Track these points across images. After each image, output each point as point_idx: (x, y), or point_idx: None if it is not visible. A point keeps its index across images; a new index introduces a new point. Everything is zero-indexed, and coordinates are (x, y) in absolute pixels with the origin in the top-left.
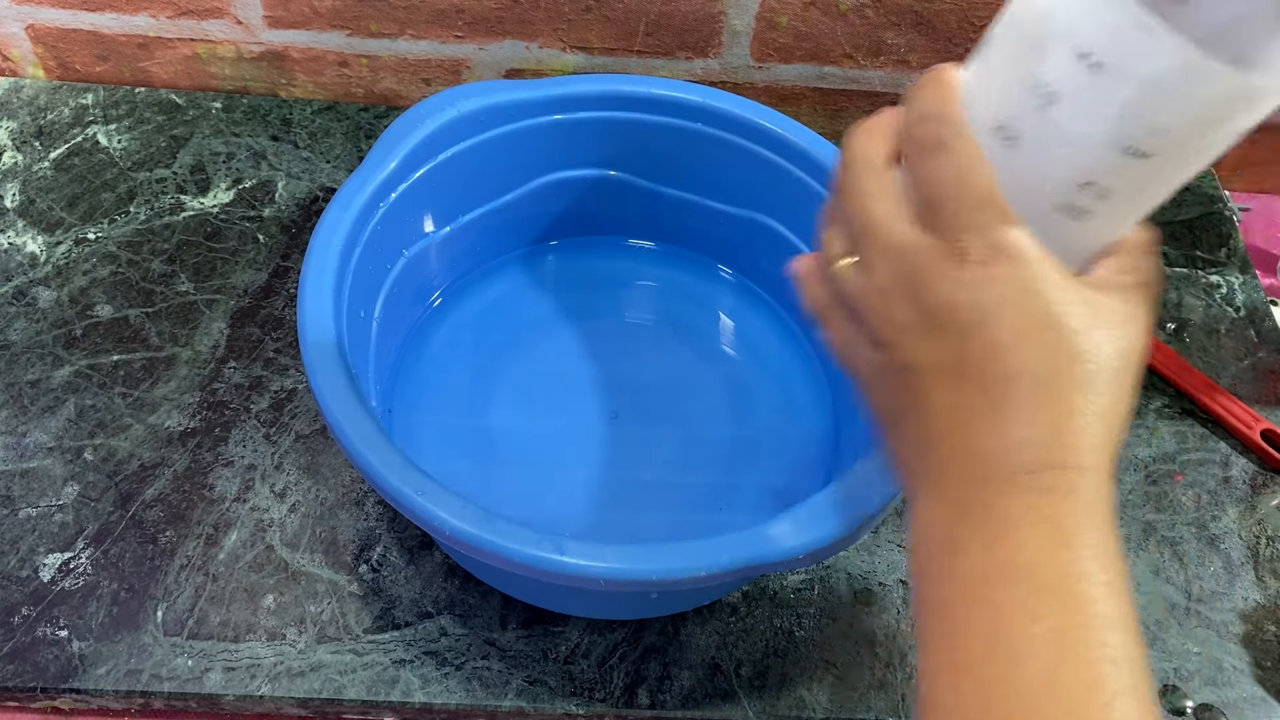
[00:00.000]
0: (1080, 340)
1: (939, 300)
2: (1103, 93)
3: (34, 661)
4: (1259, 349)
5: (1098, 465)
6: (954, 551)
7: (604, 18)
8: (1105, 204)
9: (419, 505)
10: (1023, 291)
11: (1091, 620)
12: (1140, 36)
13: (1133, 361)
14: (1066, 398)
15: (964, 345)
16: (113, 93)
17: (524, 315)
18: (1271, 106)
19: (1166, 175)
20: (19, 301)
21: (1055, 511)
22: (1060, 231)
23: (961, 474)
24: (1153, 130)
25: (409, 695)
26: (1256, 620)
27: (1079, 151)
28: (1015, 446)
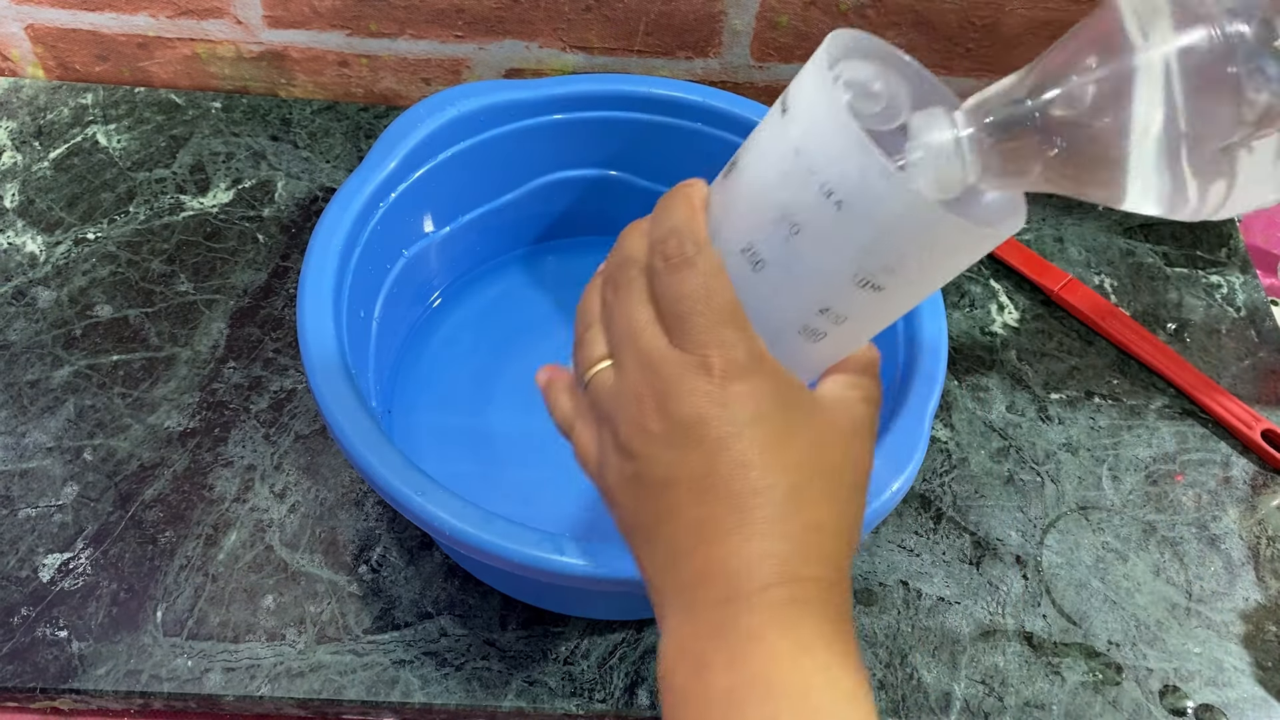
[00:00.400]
0: (820, 455)
1: (687, 413)
2: (844, 230)
3: (33, 662)
4: (1259, 349)
5: (837, 575)
6: (703, 669)
7: (604, 17)
8: (840, 327)
9: (419, 505)
10: (768, 408)
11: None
12: (882, 183)
13: (863, 475)
14: (809, 511)
15: (712, 460)
16: (112, 92)
17: (524, 315)
18: (996, 244)
19: (899, 303)
20: (18, 301)
21: (798, 623)
22: (797, 349)
23: (709, 590)
24: (888, 268)
25: (409, 696)
26: (1257, 620)
27: (819, 281)
28: (760, 560)
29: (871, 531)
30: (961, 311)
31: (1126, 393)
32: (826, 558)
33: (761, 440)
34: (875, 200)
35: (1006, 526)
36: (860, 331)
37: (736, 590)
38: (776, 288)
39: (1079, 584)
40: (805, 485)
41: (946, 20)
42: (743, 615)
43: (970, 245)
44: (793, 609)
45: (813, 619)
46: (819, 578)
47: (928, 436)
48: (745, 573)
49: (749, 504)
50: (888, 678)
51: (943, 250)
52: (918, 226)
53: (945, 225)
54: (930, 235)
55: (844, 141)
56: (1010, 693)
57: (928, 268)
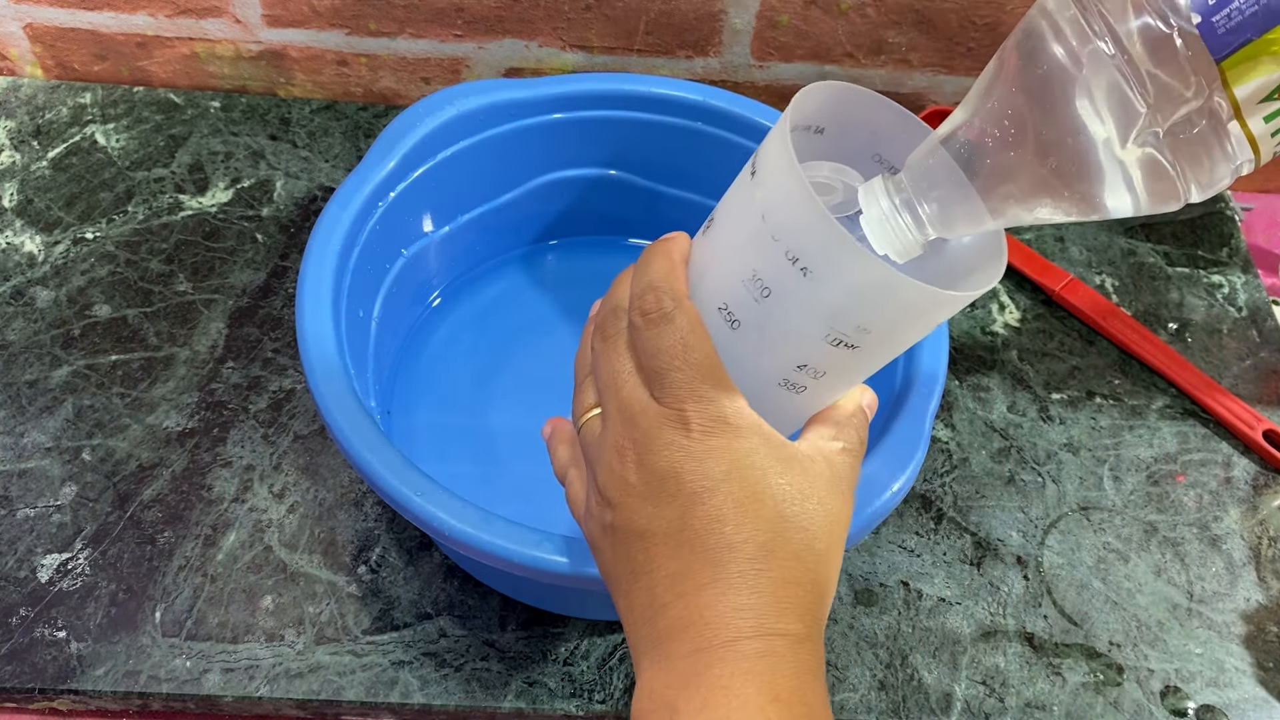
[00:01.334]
0: (795, 510)
1: (664, 467)
2: (811, 294)
3: (32, 662)
4: (1261, 349)
5: (809, 630)
6: (674, 717)
7: (604, 16)
8: (820, 381)
9: (418, 506)
10: (743, 464)
11: None
12: (843, 253)
13: (839, 529)
14: (782, 566)
15: (687, 514)
16: (111, 92)
17: (523, 315)
18: (963, 305)
19: (880, 356)
20: (17, 301)
21: (769, 676)
22: (780, 402)
23: (684, 642)
24: (861, 328)
25: (408, 696)
26: (1258, 621)
27: (793, 341)
28: (733, 614)
29: (872, 532)
30: (962, 311)
31: (1128, 393)
32: (799, 612)
33: (736, 496)
34: (838, 269)
35: (1007, 527)
36: (842, 382)
37: (709, 641)
38: (753, 345)
39: (1080, 584)
40: (779, 541)
41: (947, 19)
42: (714, 666)
43: (944, 304)
44: (763, 661)
45: (784, 672)
46: (790, 633)
47: (929, 437)
48: (718, 624)
49: (723, 559)
50: (888, 678)
51: (914, 311)
52: (883, 292)
53: (910, 290)
54: (897, 299)
55: (806, 211)
56: (1011, 693)
57: (901, 326)
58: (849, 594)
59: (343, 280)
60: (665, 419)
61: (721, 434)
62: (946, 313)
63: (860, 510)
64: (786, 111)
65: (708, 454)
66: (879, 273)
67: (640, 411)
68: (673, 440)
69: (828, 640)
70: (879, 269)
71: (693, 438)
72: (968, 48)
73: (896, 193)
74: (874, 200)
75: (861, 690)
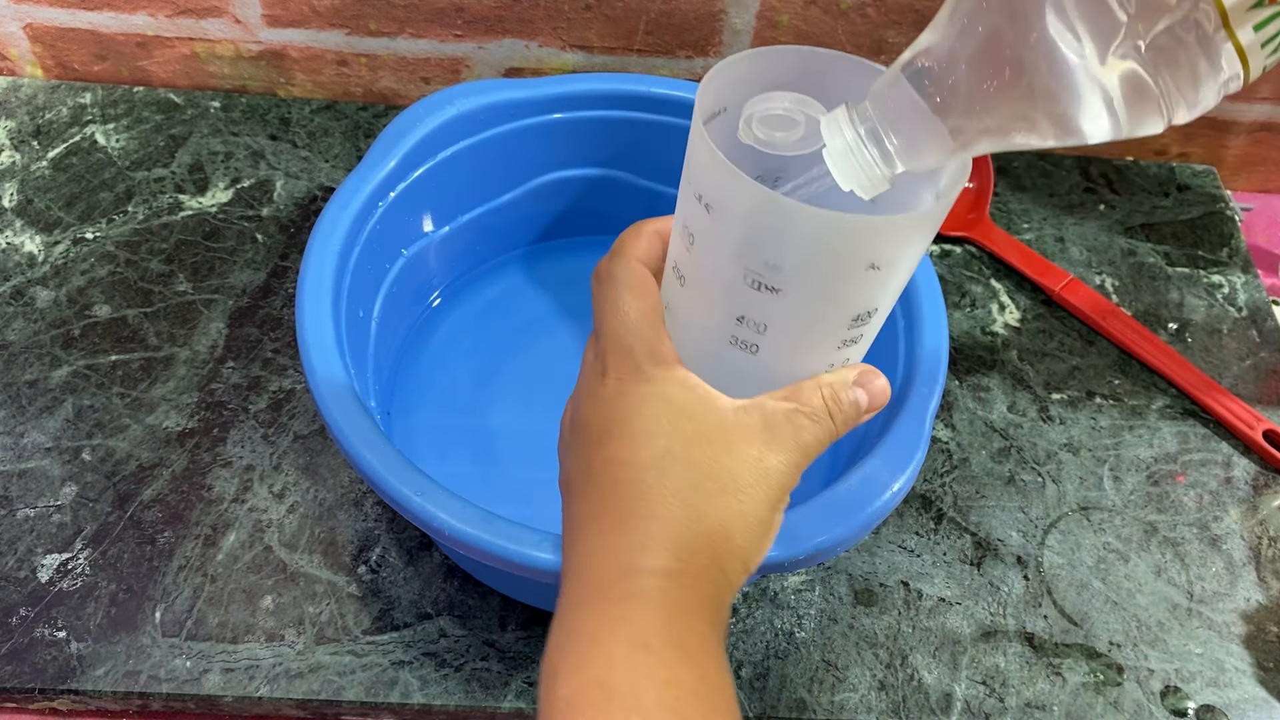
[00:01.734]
0: (686, 450)
1: (583, 416)
2: (716, 231)
3: (32, 662)
4: (1261, 349)
5: (686, 563)
6: (553, 680)
7: (604, 16)
8: (766, 338)
9: (418, 506)
10: (646, 408)
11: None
12: (726, 178)
13: (753, 476)
14: (657, 502)
15: (591, 457)
16: (111, 92)
17: (524, 315)
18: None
19: (811, 308)
20: (17, 301)
21: (636, 623)
22: (735, 365)
23: (566, 595)
24: (768, 265)
25: (408, 697)
26: (1258, 621)
27: (719, 287)
28: (604, 555)
29: (872, 532)
30: (962, 311)
31: (1128, 393)
32: (670, 546)
33: (632, 437)
34: (727, 196)
35: (1007, 527)
36: (794, 343)
37: (583, 592)
38: (696, 299)
39: (1080, 584)
40: (659, 478)
41: None
42: (586, 620)
43: (846, 234)
44: (629, 605)
45: (650, 613)
46: (657, 569)
47: (929, 437)
48: (592, 570)
49: (607, 499)
50: (888, 678)
51: (817, 245)
52: (773, 219)
53: (798, 215)
54: (792, 227)
55: (699, 146)
56: (1011, 693)
57: (816, 264)
58: (849, 594)
59: (343, 280)
60: (592, 372)
61: (634, 381)
62: (868, 250)
63: (860, 510)
64: (717, 67)
65: (617, 399)
66: (761, 196)
67: (583, 368)
68: (593, 390)
69: (829, 640)
70: (760, 193)
71: (607, 385)
72: None
73: (861, 122)
74: (837, 131)
75: (861, 690)
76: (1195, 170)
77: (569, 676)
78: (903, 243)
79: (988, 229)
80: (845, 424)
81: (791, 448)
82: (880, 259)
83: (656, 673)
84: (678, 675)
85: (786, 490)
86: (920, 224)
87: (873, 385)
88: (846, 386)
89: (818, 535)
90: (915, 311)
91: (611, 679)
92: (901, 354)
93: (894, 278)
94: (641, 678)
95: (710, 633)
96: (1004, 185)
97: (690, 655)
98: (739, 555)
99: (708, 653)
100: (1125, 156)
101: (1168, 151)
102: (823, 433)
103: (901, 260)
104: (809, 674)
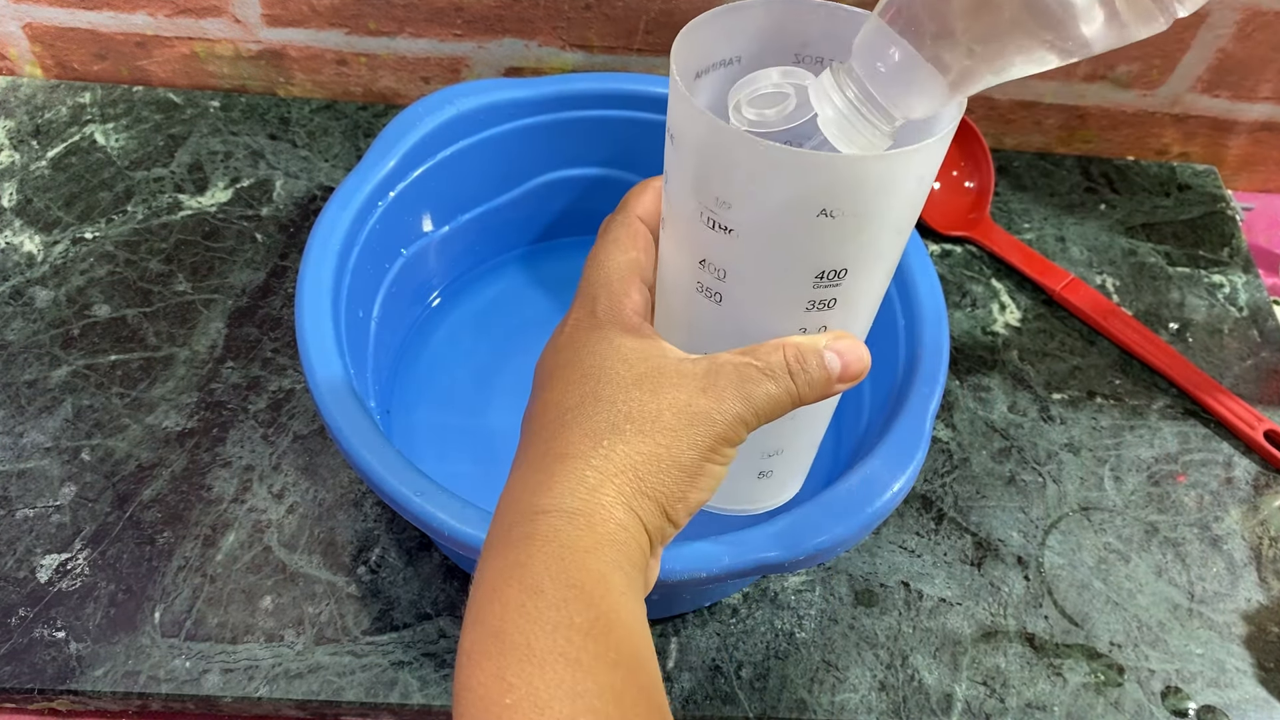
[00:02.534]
0: (612, 392)
1: (541, 365)
2: (677, 162)
3: (31, 663)
4: (1262, 349)
5: (588, 503)
6: (463, 630)
7: (604, 16)
8: (727, 285)
9: (418, 506)
10: (585, 352)
11: (553, 683)
12: (682, 107)
13: (681, 419)
14: (568, 442)
15: (533, 402)
16: (110, 91)
17: (523, 315)
18: (842, 187)
19: (766, 257)
20: (16, 301)
21: (528, 564)
22: (704, 313)
23: (486, 542)
24: (719, 201)
25: (408, 697)
26: (1259, 621)
27: (685, 228)
28: (511, 497)
29: (873, 532)
30: (963, 311)
31: (1128, 393)
32: (572, 485)
33: (566, 380)
34: (682, 125)
35: (1008, 527)
36: (753, 293)
37: (492, 536)
38: (668, 240)
39: (1081, 585)
40: (578, 418)
41: None
42: (487, 567)
43: (795, 171)
44: (526, 548)
45: (545, 555)
46: (555, 508)
47: (929, 437)
48: (500, 514)
49: (532, 440)
50: (889, 679)
51: (766, 180)
52: (720, 150)
53: (742, 147)
54: (736, 159)
55: (671, 85)
56: (1012, 694)
57: (759, 202)
58: (849, 594)
59: (342, 280)
60: (561, 323)
61: (583, 328)
62: (817, 193)
63: (861, 510)
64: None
65: (567, 345)
66: (706, 124)
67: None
68: (553, 338)
69: (829, 641)
70: (707, 121)
71: (563, 332)
72: None
73: (851, 83)
74: (826, 98)
75: (862, 691)
76: (1196, 170)
77: (470, 628)
78: (855, 188)
79: (988, 229)
80: (811, 388)
81: (732, 397)
82: (833, 205)
83: (547, 616)
84: (569, 617)
85: (723, 440)
86: (875, 168)
87: (847, 351)
88: (815, 350)
89: (818, 535)
90: (916, 311)
91: (505, 628)
92: (902, 353)
93: (861, 233)
94: (532, 624)
95: (611, 571)
96: (1004, 185)
97: (586, 595)
98: (654, 497)
99: (606, 592)
100: (1126, 156)
101: (1169, 151)
102: (778, 390)
103: (867, 212)
104: (809, 674)
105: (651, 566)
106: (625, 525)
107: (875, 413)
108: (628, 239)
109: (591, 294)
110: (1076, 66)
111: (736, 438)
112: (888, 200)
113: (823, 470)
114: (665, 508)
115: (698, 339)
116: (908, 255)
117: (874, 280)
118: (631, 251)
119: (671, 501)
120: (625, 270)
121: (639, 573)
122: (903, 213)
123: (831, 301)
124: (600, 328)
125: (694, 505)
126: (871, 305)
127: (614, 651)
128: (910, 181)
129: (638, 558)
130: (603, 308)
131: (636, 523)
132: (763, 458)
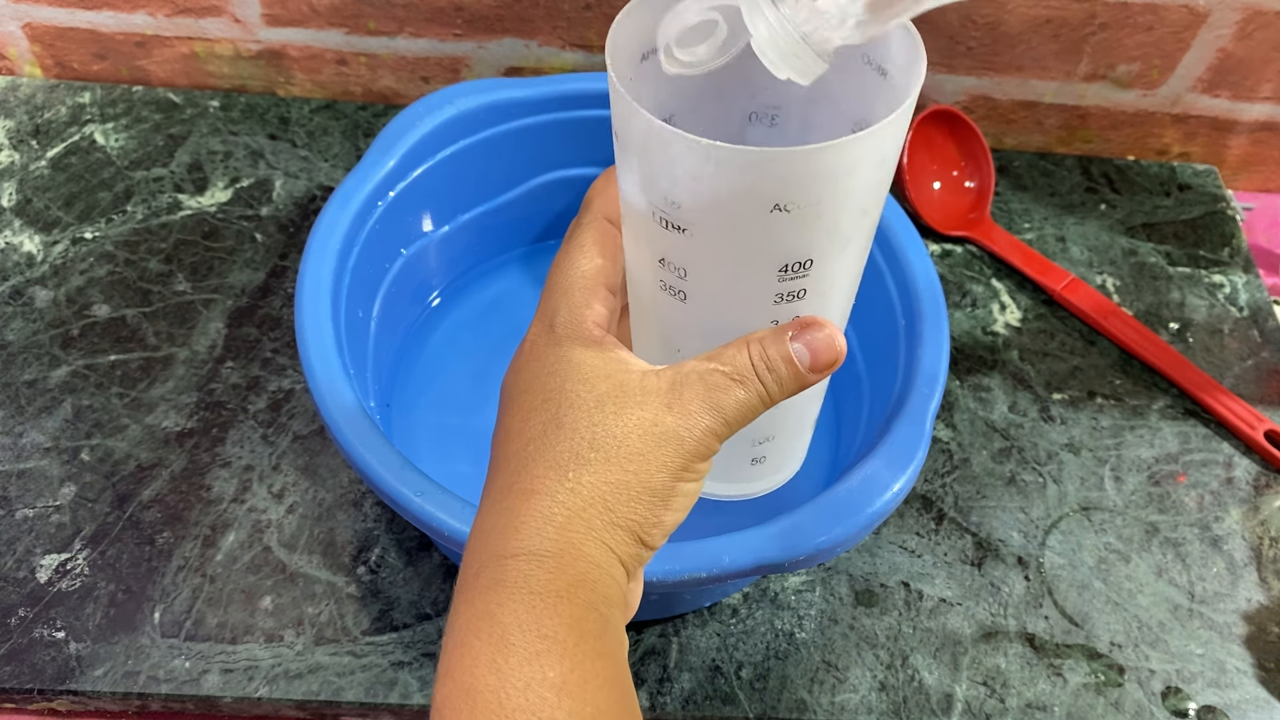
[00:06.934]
0: (575, 418)
1: (503, 384)
2: (625, 162)
3: (31, 663)
4: (1262, 349)
5: (560, 544)
6: (436, 681)
7: (603, 15)
8: (690, 284)
9: (417, 507)
10: (545, 373)
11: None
12: (618, 104)
13: (644, 439)
14: (533, 478)
15: (496, 430)
16: (110, 91)
17: (523, 315)
18: (791, 181)
19: (724, 254)
20: (16, 301)
21: (497, 614)
22: (670, 312)
23: (456, 589)
24: (668, 201)
25: (407, 697)
26: (1259, 622)
27: (642, 229)
28: (478, 541)
29: (873, 533)
30: (963, 311)
31: (1129, 393)
32: (539, 524)
33: (528, 405)
34: (623, 125)
35: (1008, 527)
36: (720, 292)
37: (462, 581)
38: (629, 242)
39: (1081, 585)
40: (542, 450)
41: (947, 18)
42: (457, 617)
43: (728, 168)
44: (494, 595)
45: (515, 604)
46: (524, 551)
47: (929, 437)
48: (469, 557)
49: (495, 475)
50: (889, 679)
51: (704, 177)
52: (659, 149)
53: (681, 146)
54: (674, 153)
55: (610, 81)
56: (1012, 694)
57: (706, 200)
58: (850, 594)
59: (342, 280)
60: (521, 341)
61: (541, 345)
62: (766, 188)
63: (861, 510)
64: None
65: (526, 365)
66: (643, 124)
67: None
68: (515, 359)
69: (829, 641)
70: (644, 120)
71: (523, 354)
72: (968, 47)
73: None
74: (758, 14)
75: (862, 691)
76: (1196, 170)
77: (441, 681)
78: (808, 181)
79: (988, 229)
80: (782, 385)
81: (700, 410)
82: (786, 199)
83: (518, 674)
84: (541, 673)
85: (694, 457)
86: (826, 159)
87: (816, 340)
88: (779, 341)
89: (818, 535)
90: (916, 311)
91: (475, 685)
92: (902, 354)
93: (821, 221)
94: (504, 682)
95: (585, 615)
96: (1005, 185)
97: (559, 646)
98: (626, 527)
99: (580, 639)
100: (1126, 156)
101: (1169, 151)
102: (747, 395)
103: (824, 201)
104: (809, 674)
105: (632, 590)
106: (598, 562)
107: (875, 413)
108: (591, 244)
109: (552, 306)
110: (1077, 67)
111: (708, 452)
112: (845, 186)
113: (823, 470)
114: (639, 535)
115: (670, 337)
116: (908, 255)
117: (844, 265)
118: (597, 259)
119: (645, 528)
120: (588, 279)
121: (616, 608)
122: (866, 195)
123: (801, 292)
124: (559, 344)
125: (669, 527)
126: (847, 289)
127: (590, 706)
128: (869, 164)
129: (613, 593)
130: (562, 321)
131: (610, 557)
132: (754, 445)
